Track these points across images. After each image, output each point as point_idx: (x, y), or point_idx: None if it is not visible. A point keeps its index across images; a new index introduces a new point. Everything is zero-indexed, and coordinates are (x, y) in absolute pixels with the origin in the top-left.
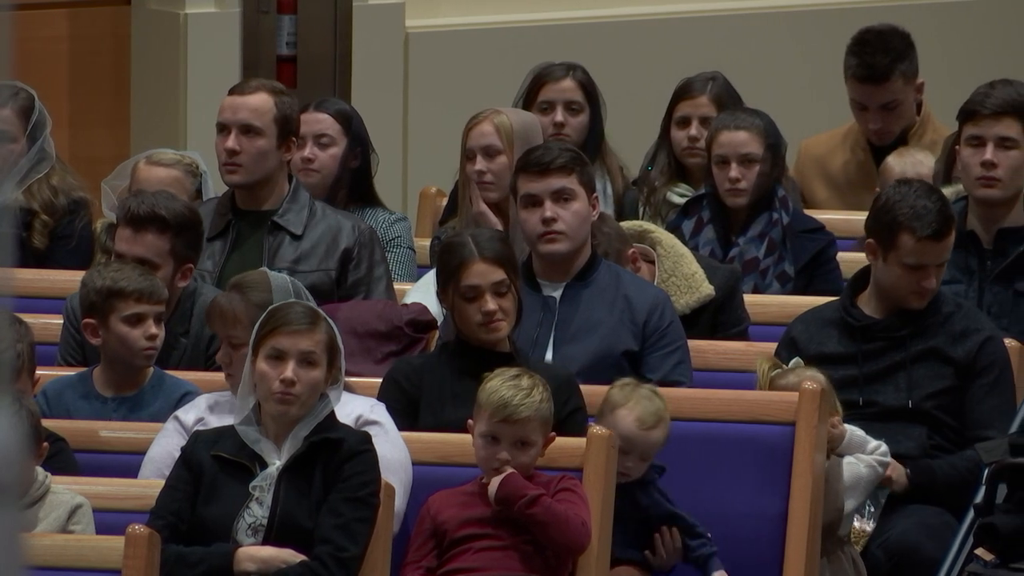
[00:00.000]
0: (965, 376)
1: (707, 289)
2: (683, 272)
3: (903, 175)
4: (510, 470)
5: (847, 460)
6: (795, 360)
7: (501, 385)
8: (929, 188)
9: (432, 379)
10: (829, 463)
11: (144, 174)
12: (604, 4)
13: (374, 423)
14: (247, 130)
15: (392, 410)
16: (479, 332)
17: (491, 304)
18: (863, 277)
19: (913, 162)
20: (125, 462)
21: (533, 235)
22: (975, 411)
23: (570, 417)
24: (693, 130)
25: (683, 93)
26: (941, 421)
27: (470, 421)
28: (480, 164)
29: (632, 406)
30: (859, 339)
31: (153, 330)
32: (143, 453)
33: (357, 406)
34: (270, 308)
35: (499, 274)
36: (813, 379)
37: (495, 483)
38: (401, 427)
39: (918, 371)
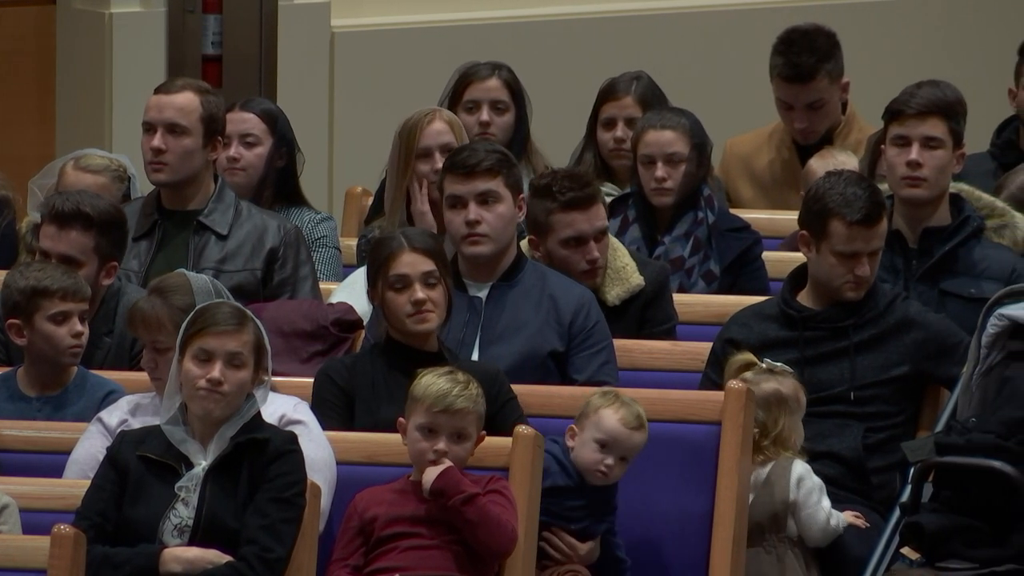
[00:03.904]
0: (934, 358)
1: (637, 279)
2: (615, 265)
3: None
4: (448, 463)
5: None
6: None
7: (438, 379)
8: (859, 177)
9: (364, 379)
10: (778, 461)
11: (71, 179)
12: (529, 4)
13: (298, 422)
14: (173, 129)
15: (330, 406)
16: (408, 324)
17: (420, 293)
18: (801, 275)
19: (835, 164)
20: (48, 462)
21: (457, 236)
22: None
23: (505, 407)
24: (619, 131)
25: (608, 94)
26: (882, 413)
27: (401, 419)
28: (439, 162)
29: (617, 407)
30: (800, 328)
31: (79, 328)
32: (64, 453)
33: (281, 405)
34: (197, 308)
35: (428, 264)
36: (783, 384)
37: (432, 473)
38: (339, 424)
39: (862, 361)
